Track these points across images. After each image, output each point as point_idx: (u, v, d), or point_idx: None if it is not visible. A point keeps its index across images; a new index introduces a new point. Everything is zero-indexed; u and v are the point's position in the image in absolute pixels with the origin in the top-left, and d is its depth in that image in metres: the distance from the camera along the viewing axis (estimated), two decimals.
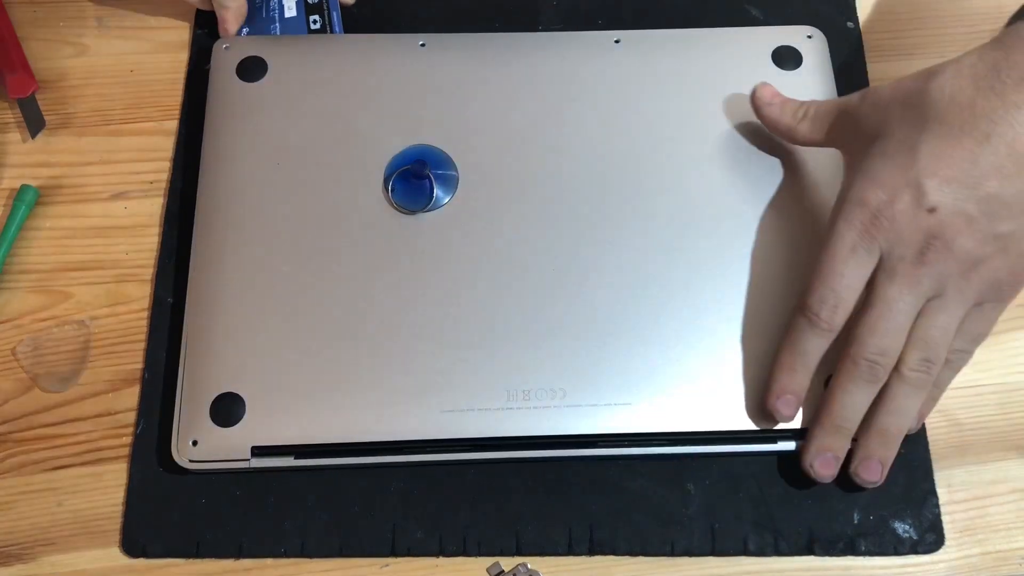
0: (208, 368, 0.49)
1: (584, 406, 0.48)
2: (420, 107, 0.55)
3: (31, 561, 0.49)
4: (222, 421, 0.48)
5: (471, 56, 0.57)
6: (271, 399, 0.49)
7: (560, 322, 0.50)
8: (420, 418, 0.48)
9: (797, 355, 0.47)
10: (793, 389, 0.48)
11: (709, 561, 0.49)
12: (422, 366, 0.49)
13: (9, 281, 0.55)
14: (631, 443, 0.48)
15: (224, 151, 0.54)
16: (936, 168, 0.44)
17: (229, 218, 0.53)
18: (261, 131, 0.55)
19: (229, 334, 0.50)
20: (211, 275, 0.51)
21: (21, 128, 0.59)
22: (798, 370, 0.47)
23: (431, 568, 0.49)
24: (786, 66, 0.56)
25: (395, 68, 0.56)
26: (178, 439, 0.49)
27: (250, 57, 0.57)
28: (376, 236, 0.52)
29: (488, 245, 0.52)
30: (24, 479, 0.51)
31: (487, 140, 0.54)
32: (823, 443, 0.48)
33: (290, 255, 0.52)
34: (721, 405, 0.49)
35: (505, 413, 0.48)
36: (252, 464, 0.48)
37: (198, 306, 0.51)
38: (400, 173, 0.53)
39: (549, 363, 0.49)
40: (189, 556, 0.49)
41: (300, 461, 0.48)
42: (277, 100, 0.55)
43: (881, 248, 0.45)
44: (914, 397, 0.47)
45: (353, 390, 0.49)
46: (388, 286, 0.51)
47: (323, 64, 0.57)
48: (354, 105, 0.55)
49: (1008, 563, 0.49)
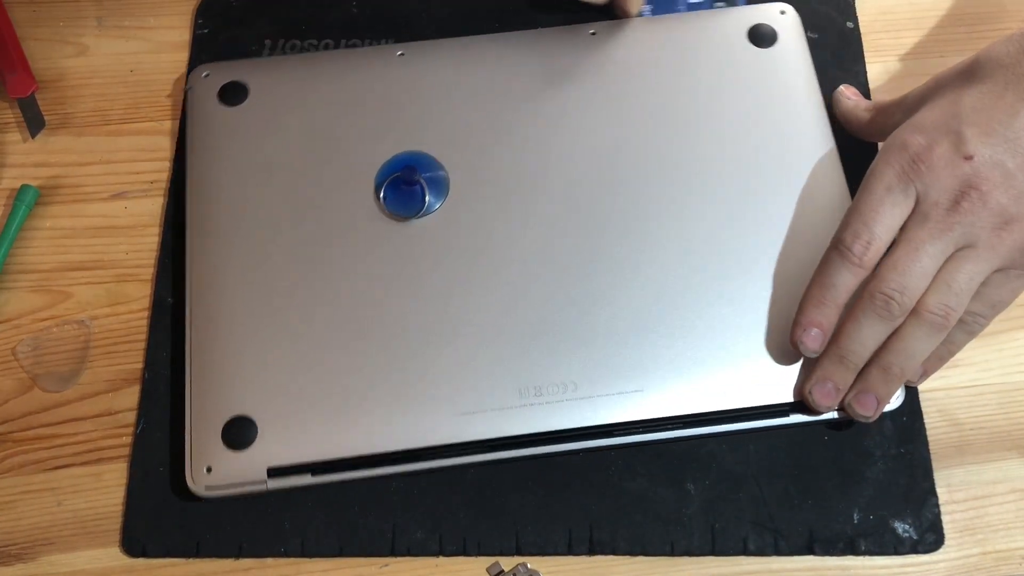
0: (216, 393, 0.49)
1: (597, 396, 0.48)
2: (404, 115, 0.55)
3: (31, 561, 0.49)
4: (235, 445, 0.48)
5: (450, 60, 0.57)
6: (282, 418, 0.48)
7: (565, 315, 0.50)
8: (435, 424, 0.48)
9: (826, 288, 0.47)
10: (820, 322, 0.47)
11: (709, 561, 0.49)
12: (432, 372, 0.49)
13: (9, 281, 0.55)
14: (647, 429, 0.48)
15: (212, 177, 0.54)
16: (977, 119, 0.45)
17: (223, 244, 0.52)
18: (248, 154, 0.54)
19: (234, 357, 0.49)
20: (210, 301, 0.51)
21: (21, 128, 0.59)
22: (827, 303, 0.47)
23: (431, 568, 0.49)
24: (762, 44, 0.57)
25: (376, 79, 0.56)
26: (191, 467, 0.48)
27: (231, 82, 0.56)
28: (372, 246, 0.52)
29: (485, 244, 0.52)
30: (24, 479, 0.51)
31: (474, 141, 0.54)
32: (825, 371, 0.47)
33: (289, 273, 0.51)
34: (731, 384, 0.49)
35: (520, 411, 0.48)
36: (269, 486, 0.48)
37: (200, 332, 0.50)
38: (391, 181, 0.53)
39: (558, 357, 0.49)
40: (189, 556, 0.49)
41: (318, 478, 0.48)
42: (261, 122, 0.55)
43: (917, 191, 0.46)
44: (925, 341, 0.46)
45: (364, 401, 0.48)
46: (390, 295, 0.51)
47: (303, 82, 0.57)
48: (339, 119, 0.55)
49: (1008, 563, 0.49)
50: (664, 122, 0.55)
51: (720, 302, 0.50)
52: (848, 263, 0.47)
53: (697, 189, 0.53)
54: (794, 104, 0.55)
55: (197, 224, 0.53)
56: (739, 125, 0.54)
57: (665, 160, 0.54)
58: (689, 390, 0.48)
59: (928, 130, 0.46)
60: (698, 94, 0.55)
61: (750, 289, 0.50)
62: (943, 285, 0.46)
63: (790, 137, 0.54)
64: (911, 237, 0.46)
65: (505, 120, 0.55)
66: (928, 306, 0.46)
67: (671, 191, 0.53)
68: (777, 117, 0.55)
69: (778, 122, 0.54)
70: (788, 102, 0.55)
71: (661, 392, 0.48)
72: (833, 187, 0.53)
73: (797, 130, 0.54)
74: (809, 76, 0.56)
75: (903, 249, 0.46)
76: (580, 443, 0.48)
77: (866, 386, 0.47)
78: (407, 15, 0.62)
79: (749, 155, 0.54)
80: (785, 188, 0.53)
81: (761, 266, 0.51)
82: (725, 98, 0.55)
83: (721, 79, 0.56)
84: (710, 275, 0.51)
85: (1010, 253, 0.46)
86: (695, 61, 0.56)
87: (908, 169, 0.46)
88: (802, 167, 0.53)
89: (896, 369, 0.47)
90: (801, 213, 0.52)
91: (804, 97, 0.55)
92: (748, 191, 0.53)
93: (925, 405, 0.51)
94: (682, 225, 0.52)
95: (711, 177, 0.53)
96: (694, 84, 0.56)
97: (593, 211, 0.52)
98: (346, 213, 0.53)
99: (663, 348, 0.49)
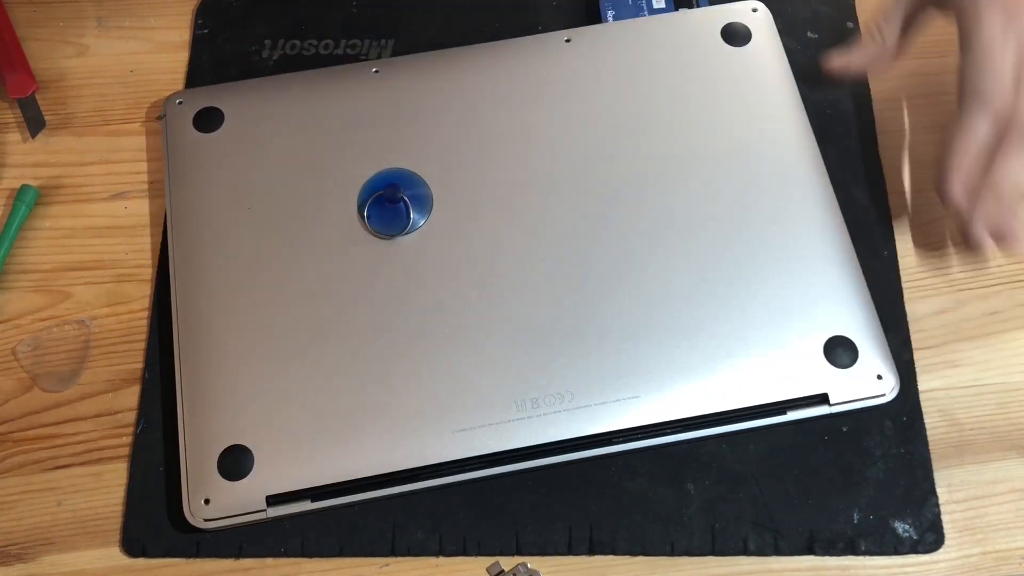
0: (209, 424, 0.48)
1: (593, 405, 0.48)
2: (384, 132, 0.55)
3: (31, 561, 0.49)
4: (232, 475, 0.47)
5: (426, 74, 0.57)
6: (278, 445, 0.48)
7: (556, 325, 0.50)
8: (432, 441, 0.48)
9: (968, 136, 0.49)
10: (962, 167, 0.49)
11: (709, 561, 0.49)
12: (427, 389, 0.49)
13: (9, 281, 0.55)
14: (644, 435, 0.48)
15: (193, 206, 0.54)
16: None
17: (208, 272, 0.52)
18: (228, 181, 0.54)
19: (226, 387, 0.49)
20: (198, 332, 0.50)
21: (21, 128, 0.59)
22: (971, 151, 0.49)
23: (431, 568, 0.49)
24: (736, 42, 0.57)
25: (352, 97, 0.56)
26: (189, 500, 0.47)
27: (205, 108, 0.56)
28: (359, 266, 0.52)
29: (472, 258, 0.52)
30: (24, 479, 0.51)
31: (455, 155, 0.54)
32: (985, 210, 0.49)
33: (276, 298, 0.51)
34: (726, 386, 0.49)
35: (517, 424, 0.48)
36: (269, 514, 0.47)
37: (190, 364, 0.50)
38: (374, 199, 0.53)
39: (552, 369, 0.49)
40: (189, 556, 0.49)
41: (317, 504, 0.48)
42: (239, 147, 0.55)
43: (1018, 33, 0.48)
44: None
45: (360, 423, 0.48)
46: (379, 314, 0.50)
47: (279, 104, 0.56)
48: (318, 140, 0.55)
49: (1008, 563, 0.49)
50: (645, 127, 0.55)
51: (709, 303, 0.50)
52: (983, 105, 0.49)
53: (680, 193, 0.53)
54: (772, 101, 0.55)
55: (180, 254, 0.53)
56: (719, 125, 0.55)
57: (647, 165, 0.54)
58: (685, 393, 0.48)
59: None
60: (676, 97, 0.56)
61: (738, 289, 0.50)
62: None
63: (770, 135, 0.54)
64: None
65: (485, 132, 0.55)
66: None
67: (655, 196, 0.53)
68: (755, 114, 0.55)
69: (756, 119, 0.55)
70: (766, 99, 0.55)
71: (657, 397, 0.48)
72: (814, 181, 0.53)
73: (777, 127, 0.54)
74: (785, 72, 0.56)
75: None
76: (580, 453, 0.48)
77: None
78: (407, 15, 0.62)
79: (729, 156, 0.54)
80: (767, 186, 0.53)
81: (747, 266, 0.51)
82: (703, 99, 0.55)
83: (698, 80, 0.56)
84: (697, 278, 0.51)
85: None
86: (671, 63, 0.57)
87: (1010, 13, 0.48)
88: (783, 165, 0.53)
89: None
90: (784, 210, 0.52)
91: (781, 93, 0.56)
92: (731, 192, 0.53)
93: (925, 405, 0.51)
94: (667, 229, 0.52)
95: (693, 180, 0.53)
96: (672, 87, 0.56)
97: (577, 219, 0.52)
98: (331, 234, 0.52)
99: (656, 353, 0.49)
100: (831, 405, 0.48)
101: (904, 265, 0.55)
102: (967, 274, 0.55)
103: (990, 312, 0.54)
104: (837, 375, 0.49)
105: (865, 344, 0.49)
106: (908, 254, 0.55)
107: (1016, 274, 0.55)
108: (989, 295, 0.54)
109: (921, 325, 0.53)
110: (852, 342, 0.49)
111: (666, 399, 0.48)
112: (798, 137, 0.54)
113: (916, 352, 0.52)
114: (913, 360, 0.52)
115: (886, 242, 0.55)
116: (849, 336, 0.49)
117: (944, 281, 0.55)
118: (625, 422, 0.48)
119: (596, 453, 0.48)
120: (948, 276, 0.55)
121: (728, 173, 0.53)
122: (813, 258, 0.51)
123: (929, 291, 0.54)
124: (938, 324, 0.53)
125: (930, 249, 0.55)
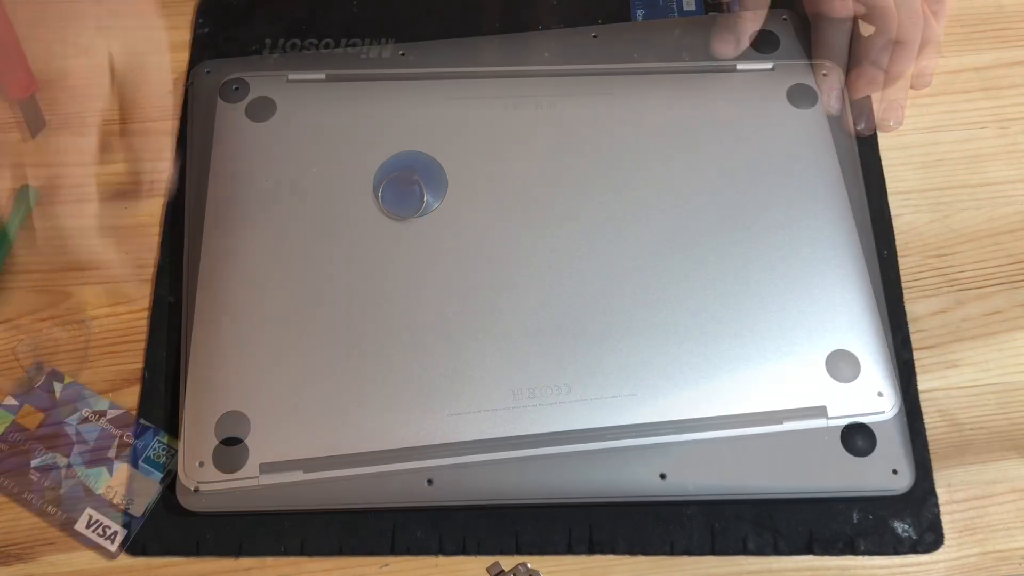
0: (211, 389, 0.49)
1: (590, 400, 0.48)
2: (404, 115, 0.56)
3: (31, 561, 0.49)
4: (228, 440, 0.48)
5: (451, 61, 0.57)
6: (276, 415, 0.49)
7: (560, 318, 0.50)
8: (428, 423, 0.48)
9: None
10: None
11: (709, 561, 0.49)
12: (426, 371, 0.49)
13: (9, 281, 0.55)
14: (639, 433, 0.48)
15: (212, 176, 0.54)
16: None
17: (222, 240, 0.53)
18: (247, 153, 0.55)
19: (230, 354, 0.50)
20: (209, 299, 0.51)
21: (21, 128, 0.59)
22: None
23: (431, 568, 0.49)
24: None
25: (376, 79, 0.57)
26: (184, 462, 0.48)
27: (232, 79, 0.57)
28: (370, 245, 0.52)
29: (482, 246, 0.52)
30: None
31: (472, 142, 0.55)
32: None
33: (286, 272, 0.52)
34: (724, 390, 0.49)
35: (512, 412, 0.48)
36: (261, 481, 0.48)
37: (198, 329, 0.51)
38: (389, 180, 0.53)
39: (552, 360, 0.49)
40: (189, 555, 0.49)
41: (309, 475, 0.48)
42: (260, 121, 0.56)
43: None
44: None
45: (358, 400, 0.49)
46: (387, 294, 0.51)
47: (304, 81, 0.57)
48: (339, 120, 0.55)
49: (1008, 563, 0.49)
50: (662, 128, 0.55)
51: (714, 307, 0.50)
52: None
53: (694, 201, 0.53)
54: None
55: (195, 221, 0.53)
56: (740, 144, 0.54)
57: (664, 173, 0.54)
58: (682, 395, 0.49)
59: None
60: (697, 98, 0.56)
61: (745, 295, 0.50)
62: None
63: (787, 143, 0.54)
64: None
65: (504, 120, 0.55)
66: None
67: (670, 202, 0.53)
68: (780, 139, 0.55)
69: (781, 143, 0.54)
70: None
71: (655, 396, 0.48)
72: (832, 194, 0.53)
73: (797, 143, 0.54)
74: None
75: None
76: (571, 446, 0.48)
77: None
78: (407, 15, 0.62)
79: (744, 169, 0.54)
80: (782, 196, 0.53)
81: (755, 275, 0.51)
82: (725, 103, 0.55)
83: (722, 83, 0.56)
84: (704, 281, 0.51)
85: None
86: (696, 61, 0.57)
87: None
88: (799, 173, 0.53)
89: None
90: (799, 221, 0.52)
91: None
92: (743, 203, 0.53)
93: (925, 405, 0.51)
94: (677, 232, 0.52)
95: (709, 189, 0.53)
96: (694, 86, 0.56)
97: (590, 213, 0.53)
98: (344, 212, 0.53)
99: (657, 353, 0.49)
100: (829, 419, 0.48)
101: (904, 265, 0.55)
102: (967, 274, 0.55)
103: (990, 312, 0.54)
104: (837, 388, 0.49)
105: (868, 359, 0.49)
106: (908, 254, 0.55)
107: (1016, 274, 0.55)
108: (989, 295, 0.54)
109: (921, 325, 0.53)
110: (855, 357, 0.49)
111: (665, 399, 0.48)
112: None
113: (916, 352, 0.52)
114: (913, 360, 0.52)
115: (886, 242, 0.55)
116: (853, 351, 0.49)
117: (944, 281, 0.55)
118: (621, 419, 0.48)
119: (590, 447, 0.48)
120: (948, 276, 0.55)
121: (744, 184, 0.53)
122: (824, 270, 0.51)
123: (929, 291, 0.54)
124: (938, 324, 0.54)
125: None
